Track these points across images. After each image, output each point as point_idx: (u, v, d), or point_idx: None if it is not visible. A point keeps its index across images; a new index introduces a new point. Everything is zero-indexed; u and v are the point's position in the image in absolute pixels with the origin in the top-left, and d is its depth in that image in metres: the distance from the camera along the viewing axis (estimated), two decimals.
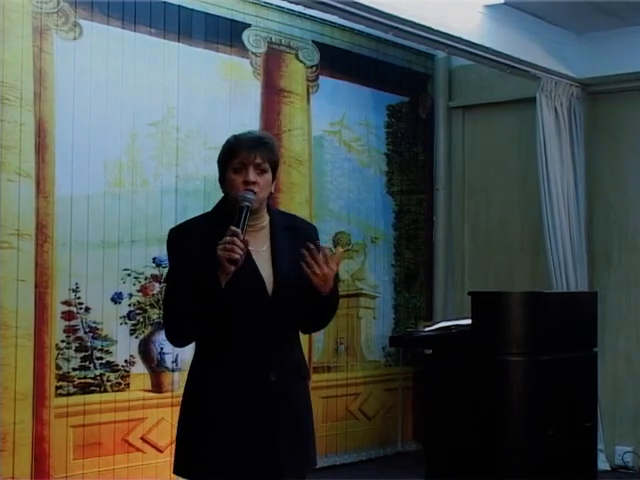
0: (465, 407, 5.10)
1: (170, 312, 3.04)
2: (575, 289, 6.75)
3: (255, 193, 2.99)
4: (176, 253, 3.04)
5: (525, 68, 6.66)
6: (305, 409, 3.15)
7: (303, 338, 3.18)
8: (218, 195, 3.17)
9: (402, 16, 5.55)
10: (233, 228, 2.86)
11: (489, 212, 7.69)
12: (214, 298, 2.88)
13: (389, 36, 6.24)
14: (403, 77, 7.55)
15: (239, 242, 2.84)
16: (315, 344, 6.72)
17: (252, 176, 3.00)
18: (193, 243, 2.98)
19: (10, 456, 5.01)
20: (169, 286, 3.10)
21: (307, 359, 6.58)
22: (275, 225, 3.11)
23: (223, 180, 3.08)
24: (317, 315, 3.18)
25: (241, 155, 3.01)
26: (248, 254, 2.94)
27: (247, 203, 2.94)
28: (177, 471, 3.08)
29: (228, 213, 2.97)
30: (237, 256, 2.84)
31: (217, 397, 2.97)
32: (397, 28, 5.72)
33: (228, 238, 2.84)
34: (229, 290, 2.89)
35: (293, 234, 3.11)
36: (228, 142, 3.09)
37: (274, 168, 3.10)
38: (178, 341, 3.11)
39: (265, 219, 3.12)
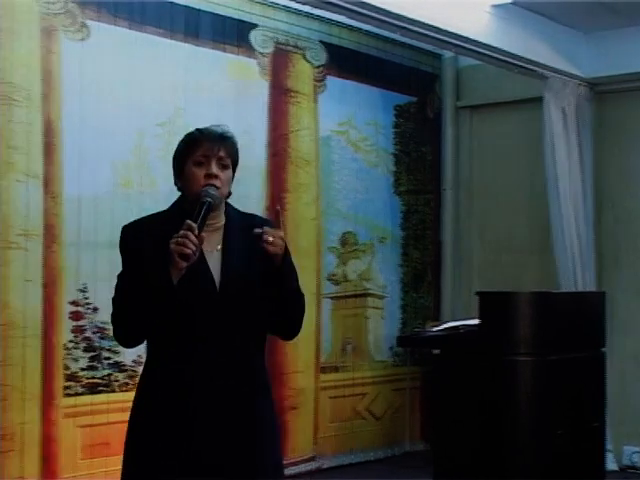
0: (473, 407, 5.09)
1: (120, 312, 2.88)
2: (583, 289, 6.74)
3: (217, 188, 2.87)
4: (129, 251, 2.91)
5: (532, 68, 6.65)
6: (255, 413, 2.94)
7: (310, 338, 3.13)
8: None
9: (410, 16, 5.55)
10: (189, 222, 2.73)
11: (496, 212, 7.69)
12: (166, 295, 2.75)
13: (397, 36, 6.25)
14: (411, 77, 7.55)
15: (192, 237, 2.71)
16: (323, 344, 6.72)
17: (215, 169, 2.88)
18: (146, 241, 2.86)
19: (19, 456, 5.02)
20: (119, 284, 2.92)
21: (314, 359, 6.63)
22: (231, 226, 2.97)
23: (180, 175, 2.94)
24: (281, 305, 2.95)
25: (204, 147, 2.88)
26: (201, 254, 2.81)
27: (209, 199, 2.81)
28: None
29: (185, 210, 2.86)
30: (189, 251, 2.71)
31: (169, 397, 2.85)
32: (405, 28, 5.72)
33: (182, 232, 2.71)
34: (180, 288, 2.76)
35: (249, 234, 2.92)
36: (189, 134, 2.96)
37: (234, 166, 2.98)
38: (128, 341, 2.96)
39: (222, 219, 2.97)
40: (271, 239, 2.80)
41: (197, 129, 2.97)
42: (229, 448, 2.86)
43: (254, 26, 6.30)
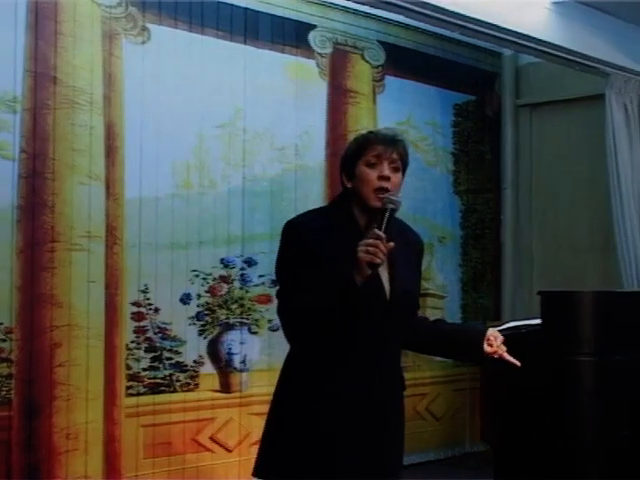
0: (535, 408, 5.04)
1: (302, 310, 2.85)
2: None
3: (388, 190, 2.89)
4: (305, 248, 2.88)
5: (594, 64, 6.57)
6: (403, 417, 3.13)
7: None
8: (285, 195, 3.14)
9: (469, 14, 5.52)
10: (377, 232, 2.76)
11: (557, 211, 7.61)
12: (351, 300, 2.78)
13: (455, 34, 6.22)
14: (470, 76, 7.50)
15: (383, 247, 2.74)
16: None
17: (387, 171, 2.92)
18: (320, 240, 2.89)
19: (82, 455, 5.08)
20: (297, 280, 2.89)
21: None
22: (391, 230, 2.88)
23: (351, 176, 2.97)
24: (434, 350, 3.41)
25: (378, 149, 2.93)
26: None
27: (392, 206, 2.84)
28: (269, 473, 2.97)
29: (351, 210, 2.97)
30: (379, 261, 2.75)
31: (336, 404, 2.89)
32: (464, 26, 5.68)
33: (371, 241, 2.74)
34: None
35: (405, 241, 3.02)
36: (363, 135, 3.01)
37: (404, 169, 3.01)
38: (303, 339, 2.94)
39: None
40: (498, 345, 3.13)
41: (369, 131, 3.04)
42: (381, 449, 2.96)
43: (313, 27, 6.31)
